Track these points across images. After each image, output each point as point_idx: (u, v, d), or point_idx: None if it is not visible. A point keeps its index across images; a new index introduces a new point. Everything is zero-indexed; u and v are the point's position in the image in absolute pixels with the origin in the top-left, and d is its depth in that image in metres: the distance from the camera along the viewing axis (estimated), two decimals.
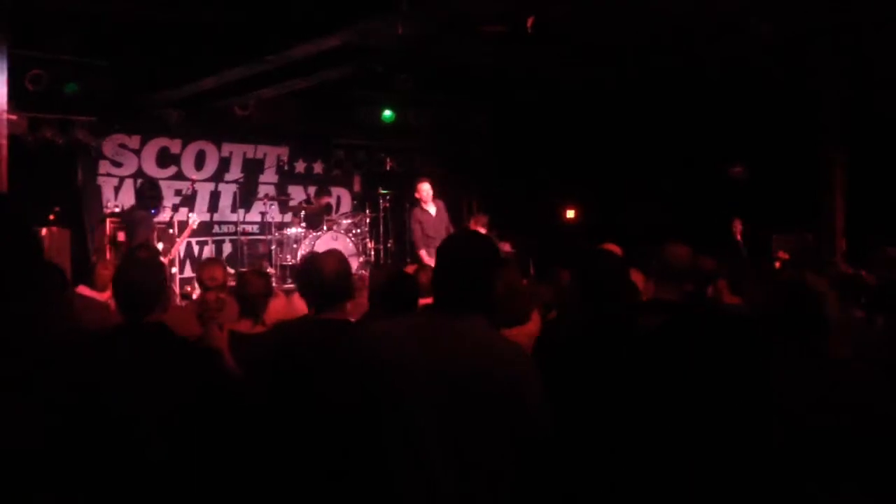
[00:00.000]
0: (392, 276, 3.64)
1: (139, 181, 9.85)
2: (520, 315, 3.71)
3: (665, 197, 10.28)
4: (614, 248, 5.66)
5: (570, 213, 12.25)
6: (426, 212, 9.00)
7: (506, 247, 10.02)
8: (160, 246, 8.10)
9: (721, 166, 10.39)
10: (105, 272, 4.99)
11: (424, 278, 4.22)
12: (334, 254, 3.30)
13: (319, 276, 3.14)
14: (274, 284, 5.33)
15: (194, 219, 8.67)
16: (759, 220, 9.66)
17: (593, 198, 11.47)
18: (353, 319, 3.36)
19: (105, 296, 4.77)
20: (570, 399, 2.53)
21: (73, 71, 8.74)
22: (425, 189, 9.03)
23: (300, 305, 3.51)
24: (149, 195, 8.36)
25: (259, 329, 3.76)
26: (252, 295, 3.85)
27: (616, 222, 9.97)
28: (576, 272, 3.19)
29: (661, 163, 10.49)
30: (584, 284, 3.06)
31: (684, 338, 2.71)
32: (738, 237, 9.89)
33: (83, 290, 4.81)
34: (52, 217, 7.95)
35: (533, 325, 3.85)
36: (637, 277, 5.74)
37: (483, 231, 9.63)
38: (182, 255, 9.85)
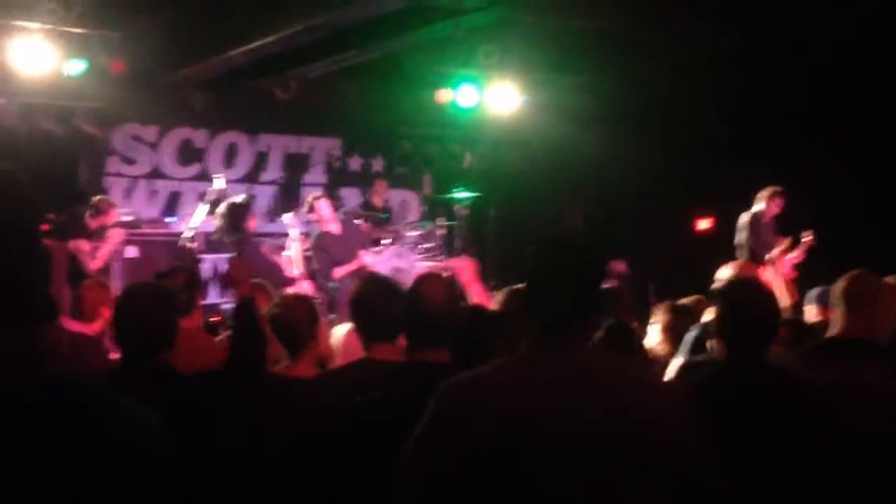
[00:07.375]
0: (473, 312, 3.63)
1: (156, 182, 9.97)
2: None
3: (845, 204, 9.63)
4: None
5: (703, 224, 11.90)
6: None
7: (619, 266, 9.72)
8: None
9: None
10: (91, 295, 4.97)
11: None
12: (439, 279, 3.31)
13: (423, 307, 3.04)
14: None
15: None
16: None
17: (735, 203, 10.98)
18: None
19: (94, 328, 4.73)
20: None
21: (78, 45, 8.82)
22: None
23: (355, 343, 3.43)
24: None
25: (301, 372, 3.61)
26: (294, 324, 3.67)
27: None
28: (720, 304, 2.96)
29: (839, 155, 9.81)
30: (730, 322, 2.84)
31: None
32: None
33: (67, 322, 4.78)
34: (45, 227, 8.01)
35: None
36: None
37: None
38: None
